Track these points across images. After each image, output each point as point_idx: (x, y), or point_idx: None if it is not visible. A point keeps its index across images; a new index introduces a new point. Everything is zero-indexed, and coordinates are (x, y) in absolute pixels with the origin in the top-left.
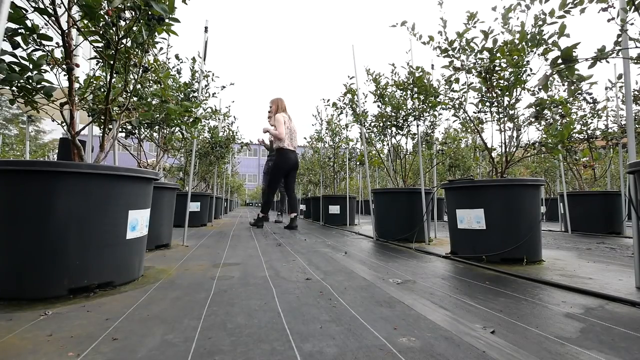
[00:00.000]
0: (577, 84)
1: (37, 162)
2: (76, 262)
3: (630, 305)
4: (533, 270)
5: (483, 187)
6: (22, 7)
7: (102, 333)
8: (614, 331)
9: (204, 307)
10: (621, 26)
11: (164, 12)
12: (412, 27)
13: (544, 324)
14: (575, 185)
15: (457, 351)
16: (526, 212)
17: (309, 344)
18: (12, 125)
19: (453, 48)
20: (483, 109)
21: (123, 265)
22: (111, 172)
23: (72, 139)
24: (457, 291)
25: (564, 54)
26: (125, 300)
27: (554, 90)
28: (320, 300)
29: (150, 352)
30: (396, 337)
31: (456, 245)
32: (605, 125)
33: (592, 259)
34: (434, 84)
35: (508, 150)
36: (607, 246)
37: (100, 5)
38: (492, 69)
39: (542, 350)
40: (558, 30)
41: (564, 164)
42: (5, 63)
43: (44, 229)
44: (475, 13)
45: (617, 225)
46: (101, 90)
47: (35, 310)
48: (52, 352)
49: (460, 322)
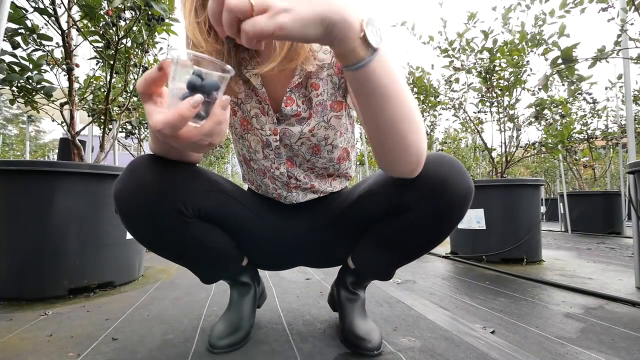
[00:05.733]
0: (577, 84)
1: (37, 162)
2: (76, 262)
3: (630, 305)
4: (533, 270)
5: (483, 187)
6: (22, 7)
7: (102, 333)
8: (614, 331)
9: (204, 307)
10: (621, 26)
11: (164, 12)
12: (412, 27)
13: (544, 324)
14: (575, 185)
15: (457, 351)
16: (526, 212)
17: (309, 344)
18: (12, 125)
19: (453, 48)
20: (483, 109)
21: (123, 265)
22: (111, 172)
23: (72, 139)
24: (457, 291)
25: (564, 54)
26: (126, 300)
27: (554, 90)
28: (321, 300)
29: (150, 352)
30: (396, 337)
31: (456, 245)
32: (605, 125)
33: (592, 259)
34: (434, 84)
35: (508, 150)
36: (607, 246)
37: (100, 5)
38: (492, 69)
39: (542, 350)
40: (558, 30)
41: (564, 164)
42: (5, 63)
43: (44, 229)
44: (475, 13)
45: (617, 225)
46: (101, 90)
47: (35, 311)
48: (52, 352)
49: (460, 322)
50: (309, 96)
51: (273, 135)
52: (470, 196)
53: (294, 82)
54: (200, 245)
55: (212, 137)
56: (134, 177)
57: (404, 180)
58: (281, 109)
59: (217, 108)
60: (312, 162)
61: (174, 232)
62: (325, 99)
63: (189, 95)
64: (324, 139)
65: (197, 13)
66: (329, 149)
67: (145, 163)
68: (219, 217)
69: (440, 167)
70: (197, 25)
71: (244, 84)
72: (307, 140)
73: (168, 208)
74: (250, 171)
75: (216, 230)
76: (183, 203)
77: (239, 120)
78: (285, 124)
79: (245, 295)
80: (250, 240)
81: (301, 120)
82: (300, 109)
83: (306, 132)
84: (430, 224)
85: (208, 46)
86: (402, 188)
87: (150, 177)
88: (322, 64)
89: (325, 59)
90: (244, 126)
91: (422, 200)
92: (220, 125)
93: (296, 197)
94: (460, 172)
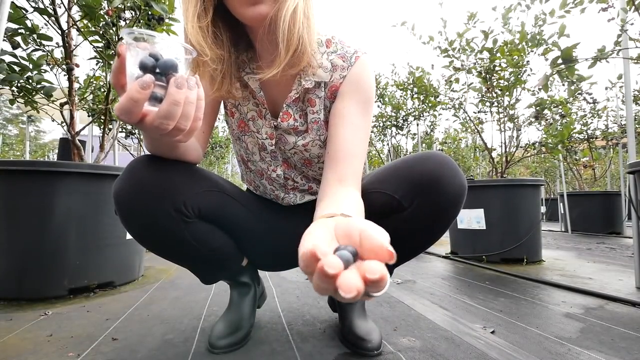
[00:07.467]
0: (577, 84)
1: (37, 162)
2: (76, 262)
3: (630, 305)
4: (533, 270)
5: (483, 187)
6: (22, 7)
7: (102, 333)
8: (614, 331)
9: (204, 307)
10: (621, 26)
11: (164, 12)
12: (412, 27)
13: (544, 324)
14: (575, 185)
15: (457, 351)
16: (526, 212)
17: (309, 344)
18: (12, 125)
19: (453, 48)
20: (483, 109)
21: (123, 265)
22: (111, 172)
23: (72, 139)
24: (457, 291)
25: (564, 54)
26: (126, 300)
27: (554, 90)
28: (321, 300)
29: (150, 352)
30: (396, 337)
31: (456, 245)
32: (605, 125)
33: (592, 259)
34: (434, 84)
35: (508, 150)
36: (607, 246)
37: (100, 5)
38: (492, 69)
39: (542, 350)
40: (558, 30)
41: (564, 164)
42: (5, 63)
43: (44, 229)
44: (475, 13)
45: (617, 225)
46: (101, 90)
47: (35, 310)
48: (52, 352)
49: (460, 322)
50: (305, 111)
51: (269, 139)
52: (463, 194)
53: (292, 98)
54: (200, 246)
55: (174, 121)
56: (133, 177)
57: (398, 180)
58: (278, 123)
59: (171, 87)
60: (304, 171)
61: (173, 233)
62: (321, 118)
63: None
64: (317, 156)
65: (199, 18)
66: (320, 165)
67: (145, 163)
68: (219, 217)
69: (432, 166)
70: (200, 30)
71: (242, 87)
72: (300, 153)
73: (168, 208)
74: (248, 172)
75: (216, 230)
76: (183, 203)
77: (236, 121)
78: (282, 130)
79: (245, 296)
80: (250, 241)
81: (298, 133)
82: (297, 123)
83: (300, 145)
84: (425, 223)
85: (211, 52)
86: (396, 188)
87: (149, 177)
88: (320, 81)
89: (324, 77)
90: (241, 128)
91: (416, 199)
92: (177, 106)
93: (293, 199)
94: (452, 170)
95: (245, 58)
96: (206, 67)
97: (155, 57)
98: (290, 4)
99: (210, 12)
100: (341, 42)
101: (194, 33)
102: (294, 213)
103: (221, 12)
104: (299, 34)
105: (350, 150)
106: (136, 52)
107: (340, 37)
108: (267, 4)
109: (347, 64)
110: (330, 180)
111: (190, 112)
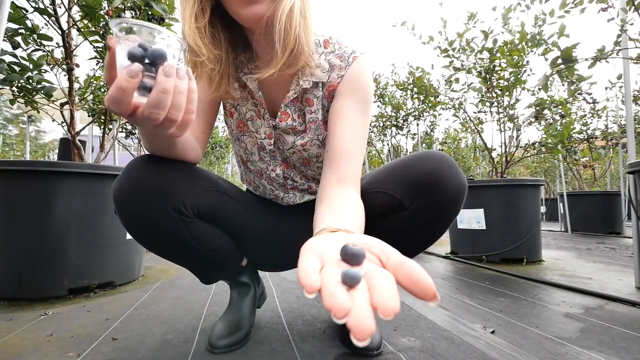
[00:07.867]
0: (577, 84)
1: (37, 162)
2: (76, 262)
3: (630, 305)
4: (533, 270)
5: (483, 187)
6: (22, 7)
7: (102, 333)
8: (614, 331)
9: (204, 307)
10: (621, 26)
11: (164, 12)
12: (412, 27)
13: (544, 324)
14: (575, 185)
15: (457, 351)
16: (526, 212)
17: (309, 344)
18: (12, 125)
19: (453, 48)
20: (483, 109)
21: (123, 265)
22: (111, 172)
23: (72, 139)
24: (457, 291)
25: (564, 54)
26: (126, 300)
27: (554, 90)
28: (321, 300)
29: (150, 352)
30: (396, 337)
31: (456, 245)
32: (605, 125)
33: (592, 259)
34: (434, 84)
35: (508, 150)
36: (607, 246)
37: (100, 5)
38: (492, 69)
39: (542, 350)
40: (558, 30)
41: (564, 164)
42: (6, 63)
43: (44, 229)
44: (475, 13)
45: (617, 225)
46: (101, 90)
47: (35, 310)
48: (52, 352)
49: (460, 322)
50: (303, 111)
51: (268, 139)
52: (463, 192)
53: (290, 97)
54: (200, 245)
55: (164, 110)
56: (133, 177)
57: (398, 179)
58: (277, 123)
59: (160, 76)
60: (303, 171)
61: (173, 232)
62: (320, 118)
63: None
64: (316, 156)
65: (197, 18)
66: (319, 165)
67: (144, 163)
68: (218, 217)
69: (433, 165)
70: (197, 31)
71: (240, 87)
72: (298, 152)
73: (167, 208)
74: (247, 172)
75: (216, 230)
76: (182, 202)
77: (235, 121)
78: (281, 130)
79: (245, 296)
80: (250, 241)
81: (296, 132)
82: (296, 123)
83: (298, 144)
84: (425, 222)
85: (209, 52)
86: (396, 187)
87: (148, 177)
88: (317, 81)
89: (321, 78)
90: (240, 128)
91: (416, 198)
92: (166, 94)
93: (293, 199)
94: (452, 169)
95: (243, 58)
96: (204, 68)
97: (144, 47)
98: (286, 3)
99: (208, 12)
100: (339, 42)
101: (191, 33)
102: (293, 213)
103: (219, 13)
104: (296, 33)
105: (349, 149)
106: (126, 44)
107: (338, 37)
108: (263, 3)
109: (344, 63)
110: (330, 179)
111: (181, 102)
